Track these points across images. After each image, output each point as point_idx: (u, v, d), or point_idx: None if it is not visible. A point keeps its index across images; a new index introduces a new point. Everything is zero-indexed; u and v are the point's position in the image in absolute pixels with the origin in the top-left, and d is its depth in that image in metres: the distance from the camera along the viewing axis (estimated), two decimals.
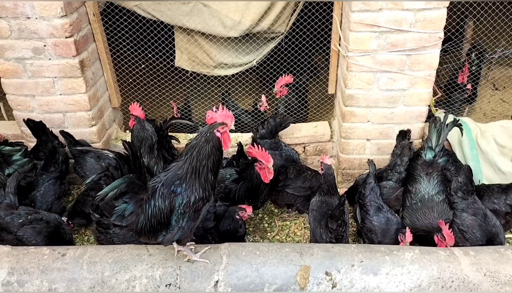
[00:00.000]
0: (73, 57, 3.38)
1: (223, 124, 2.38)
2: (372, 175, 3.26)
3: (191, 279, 2.52)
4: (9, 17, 3.20)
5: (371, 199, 3.18)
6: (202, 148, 2.35)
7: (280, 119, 3.79)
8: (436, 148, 3.28)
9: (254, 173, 3.25)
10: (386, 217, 3.12)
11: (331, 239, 2.97)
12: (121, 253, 2.66)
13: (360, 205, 3.24)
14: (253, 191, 3.33)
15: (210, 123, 2.40)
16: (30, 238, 3.04)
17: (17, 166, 3.36)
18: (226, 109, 2.41)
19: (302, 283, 2.50)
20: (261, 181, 3.25)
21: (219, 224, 3.12)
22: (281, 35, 3.82)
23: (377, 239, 3.10)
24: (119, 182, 2.29)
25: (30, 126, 3.57)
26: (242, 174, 3.36)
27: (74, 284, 2.54)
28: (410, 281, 2.49)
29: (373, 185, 3.22)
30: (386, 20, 3.15)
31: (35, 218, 3.09)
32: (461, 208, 3.08)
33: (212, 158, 2.36)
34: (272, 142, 3.75)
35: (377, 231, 3.10)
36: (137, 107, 3.60)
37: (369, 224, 3.14)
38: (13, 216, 3.04)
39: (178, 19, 3.65)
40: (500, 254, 2.60)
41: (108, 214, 2.36)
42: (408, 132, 3.54)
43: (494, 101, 4.94)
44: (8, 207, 3.06)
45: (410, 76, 3.38)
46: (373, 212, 3.13)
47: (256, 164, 3.23)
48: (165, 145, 3.77)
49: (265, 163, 3.17)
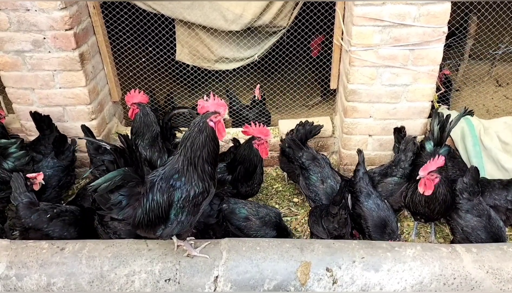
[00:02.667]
0: (73, 50, 3.35)
1: (216, 113, 2.32)
2: (362, 163, 3.29)
3: (190, 274, 2.50)
4: (8, 9, 3.17)
5: (360, 185, 3.22)
6: (195, 138, 2.30)
7: (310, 127, 3.65)
8: (439, 140, 3.31)
9: (252, 152, 3.23)
10: (376, 203, 3.16)
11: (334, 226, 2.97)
12: (120, 248, 2.63)
13: (351, 192, 3.28)
14: (250, 174, 3.31)
15: (202, 113, 2.34)
16: (61, 231, 2.97)
17: (14, 158, 3.33)
18: (218, 98, 2.36)
19: (303, 279, 2.48)
20: (258, 158, 3.24)
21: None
22: (283, 29, 3.79)
23: (366, 224, 3.13)
24: (113, 174, 2.25)
25: (36, 119, 3.52)
26: (234, 163, 3.33)
27: (73, 279, 2.52)
28: (412, 277, 2.46)
29: (362, 172, 3.27)
30: (390, 14, 3.11)
31: (61, 210, 3.03)
32: (466, 209, 3.05)
33: (206, 148, 2.31)
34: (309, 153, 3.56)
35: (367, 217, 3.13)
36: (136, 93, 3.40)
37: (359, 210, 3.18)
38: (39, 213, 2.96)
39: (179, 12, 3.62)
40: (502, 251, 2.58)
41: (103, 207, 2.33)
42: (402, 129, 3.54)
43: (497, 97, 4.90)
44: (31, 205, 2.97)
45: (413, 72, 3.34)
46: (363, 198, 3.16)
47: (254, 141, 3.21)
48: (169, 138, 3.63)
49: (263, 138, 3.16)
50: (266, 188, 3.94)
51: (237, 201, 3.17)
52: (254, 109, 4.37)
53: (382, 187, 3.38)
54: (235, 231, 3.08)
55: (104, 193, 2.28)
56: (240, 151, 3.31)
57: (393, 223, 3.11)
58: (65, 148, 3.61)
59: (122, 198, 2.33)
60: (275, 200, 3.83)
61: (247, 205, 3.14)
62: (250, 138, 3.25)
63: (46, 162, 3.50)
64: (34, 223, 2.95)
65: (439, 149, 3.32)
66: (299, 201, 3.81)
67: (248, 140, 3.26)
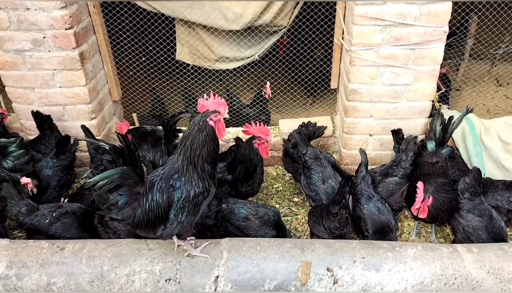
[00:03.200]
0: (73, 49, 3.34)
1: (216, 112, 2.30)
2: (364, 164, 3.27)
3: (191, 274, 2.49)
4: (8, 8, 3.16)
5: (362, 187, 3.21)
6: (195, 137, 2.29)
7: (313, 128, 3.69)
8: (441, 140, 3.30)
9: (253, 151, 3.22)
10: (377, 206, 3.14)
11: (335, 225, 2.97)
12: (120, 247, 2.63)
13: (352, 194, 3.26)
14: (250, 173, 3.30)
15: (202, 112, 2.33)
16: (64, 233, 3.01)
17: (13, 157, 3.31)
18: (218, 97, 2.34)
19: (303, 279, 2.47)
20: (258, 158, 3.24)
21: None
22: (284, 29, 3.78)
23: (366, 227, 3.12)
24: (111, 172, 2.24)
25: (37, 119, 3.51)
26: (234, 163, 3.32)
27: (73, 278, 2.51)
28: (413, 277, 2.46)
29: (364, 174, 3.25)
30: (391, 14, 3.10)
31: (60, 213, 3.05)
32: (467, 209, 3.04)
33: (206, 147, 2.30)
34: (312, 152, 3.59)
35: (366, 219, 3.12)
36: (123, 124, 3.61)
37: (359, 212, 3.17)
38: (38, 218, 3.00)
39: (179, 11, 3.61)
40: (504, 251, 2.57)
41: (101, 207, 2.32)
42: (400, 131, 3.54)
43: (497, 97, 4.90)
44: (30, 211, 3.01)
45: (414, 71, 3.33)
46: (364, 200, 3.14)
47: (255, 140, 3.20)
48: (172, 140, 3.64)
49: (264, 137, 3.15)
50: (266, 188, 3.94)
51: (236, 200, 3.16)
52: (255, 107, 4.35)
53: (383, 186, 3.37)
54: (235, 231, 3.07)
55: (103, 193, 2.27)
56: (240, 150, 3.30)
57: (393, 232, 3.08)
58: (67, 149, 3.61)
59: (121, 197, 2.32)
60: (276, 200, 3.83)
61: (246, 204, 3.14)
62: (250, 138, 3.24)
63: (46, 162, 3.50)
64: (35, 228, 3.00)
65: (441, 149, 3.31)
66: (299, 201, 3.80)
67: (249, 140, 3.26)
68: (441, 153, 3.31)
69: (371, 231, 3.09)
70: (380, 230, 3.08)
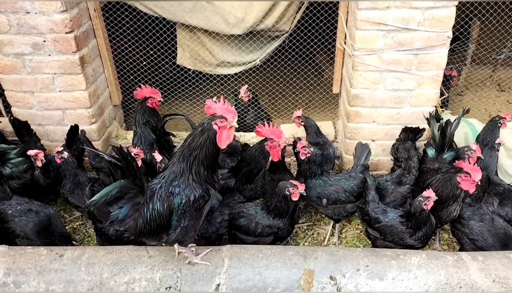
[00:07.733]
0: (73, 53, 3.32)
1: (222, 118, 2.23)
2: (372, 187, 3.15)
3: (191, 282, 2.45)
4: (8, 11, 3.13)
5: (373, 208, 3.08)
6: (195, 137, 2.25)
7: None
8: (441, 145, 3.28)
9: (262, 153, 3.13)
10: (394, 213, 3.04)
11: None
12: (120, 255, 2.59)
13: (367, 221, 3.11)
14: (253, 176, 3.23)
15: (209, 114, 2.28)
16: (20, 231, 2.95)
17: (12, 164, 3.30)
18: (228, 103, 2.28)
19: (306, 288, 2.43)
20: (266, 161, 3.17)
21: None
22: (286, 33, 3.75)
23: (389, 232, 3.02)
24: (109, 188, 2.21)
25: (15, 125, 3.47)
26: (240, 164, 3.27)
27: (72, 286, 2.47)
28: (417, 286, 2.42)
29: (372, 196, 3.12)
30: (394, 19, 3.08)
31: (25, 210, 3.00)
32: (467, 216, 3.01)
33: (204, 150, 2.24)
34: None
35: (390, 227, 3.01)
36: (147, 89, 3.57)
37: (382, 226, 3.03)
38: (4, 207, 2.99)
39: (181, 16, 3.59)
40: (509, 259, 2.53)
41: (102, 219, 2.29)
42: (418, 130, 3.46)
43: (499, 102, 4.88)
44: (1, 198, 3.02)
45: (417, 76, 3.31)
46: (382, 216, 3.03)
47: (266, 142, 3.10)
48: (164, 144, 3.63)
49: (276, 140, 3.05)
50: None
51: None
52: (249, 113, 4.17)
53: (395, 195, 3.27)
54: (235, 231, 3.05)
55: (103, 207, 2.23)
56: (250, 151, 3.22)
57: None
58: (76, 138, 3.59)
59: (121, 211, 2.28)
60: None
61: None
62: (263, 139, 3.14)
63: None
64: (1, 215, 2.99)
65: (443, 154, 3.28)
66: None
67: (261, 142, 3.16)
68: (443, 158, 3.28)
69: None
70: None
